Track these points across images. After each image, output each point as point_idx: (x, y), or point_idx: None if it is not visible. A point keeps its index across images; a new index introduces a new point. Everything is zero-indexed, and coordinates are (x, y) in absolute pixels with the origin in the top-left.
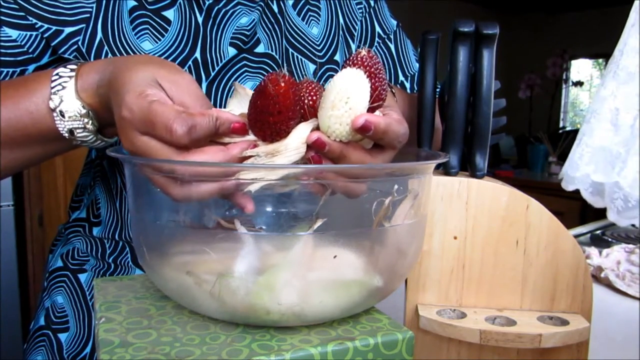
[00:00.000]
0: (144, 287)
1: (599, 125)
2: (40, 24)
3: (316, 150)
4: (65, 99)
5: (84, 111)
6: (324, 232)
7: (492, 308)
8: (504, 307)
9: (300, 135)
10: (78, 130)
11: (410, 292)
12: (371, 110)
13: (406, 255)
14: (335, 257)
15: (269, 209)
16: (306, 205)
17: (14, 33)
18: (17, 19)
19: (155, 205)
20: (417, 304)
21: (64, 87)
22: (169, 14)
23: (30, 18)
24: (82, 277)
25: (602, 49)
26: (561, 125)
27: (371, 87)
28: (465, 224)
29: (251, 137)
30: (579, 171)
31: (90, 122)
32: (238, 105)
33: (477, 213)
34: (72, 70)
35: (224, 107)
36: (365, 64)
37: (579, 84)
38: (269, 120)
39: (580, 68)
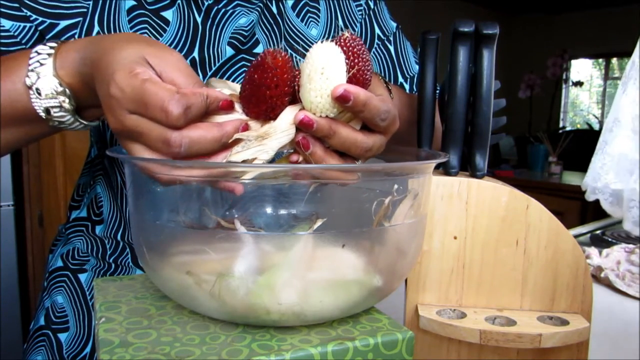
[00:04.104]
0: (144, 287)
1: (621, 132)
2: (35, 16)
3: (305, 130)
4: (42, 76)
5: (60, 89)
6: (324, 232)
7: (492, 308)
8: (504, 307)
9: (287, 117)
10: (54, 110)
11: (410, 292)
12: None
13: (406, 255)
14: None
15: (268, 209)
16: (306, 205)
17: (7, 23)
18: (11, 10)
19: (155, 205)
20: (417, 304)
21: (41, 64)
22: (168, 14)
23: (25, 10)
24: (82, 277)
25: (602, 49)
26: (561, 125)
27: (352, 65)
28: (465, 224)
29: (241, 115)
30: (600, 181)
31: (67, 100)
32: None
33: (477, 213)
34: (51, 47)
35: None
36: (348, 44)
37: (579, 84)
38: (266, 94)
39: (580, 68)
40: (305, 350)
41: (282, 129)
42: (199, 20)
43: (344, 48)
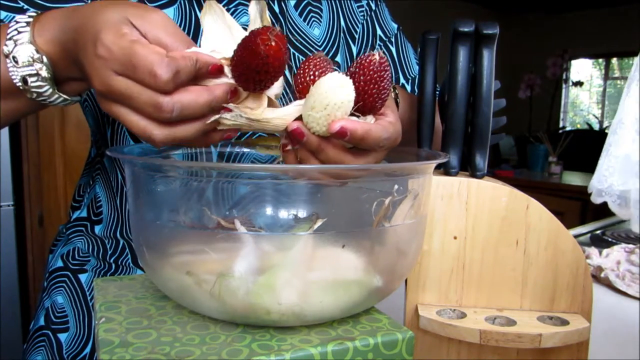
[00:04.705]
0: (144, 287)
1: (625, 134)
2: (32, 10)
3: (295, 140)
4: (19, 44)
5: (37, 55)
6: (324, 232)
7: (492, 308)
8: (504, 307)
9: (286, 115)
10: (32, 79)
11: (410, 292)
12: (365, 112)
13: (406, 255)
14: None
15: (268, 209)
16: (306, 205)
17: (2, 14)
18: (7, 1)
19: (155, 205)
20: (417, 304)
21: (19, 32)
22: (169, 11)
23: (21, 2)
24: (83, 277)
25: (602, 49)
26: (561, 125)
27: (368, 92)
28: (465, 224)
29: (230, 79)
30: (606, 183)
31: (44, 68)
32: (213, 24)
33: (477, 213)
34: (30, 16)
35: (201, 32)
36: (371, 68)
37: (579, 84)
38: (255, 78)
39: (580, 68)
40: (305, 350)
41: (274, 123)
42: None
43: (365, 70)
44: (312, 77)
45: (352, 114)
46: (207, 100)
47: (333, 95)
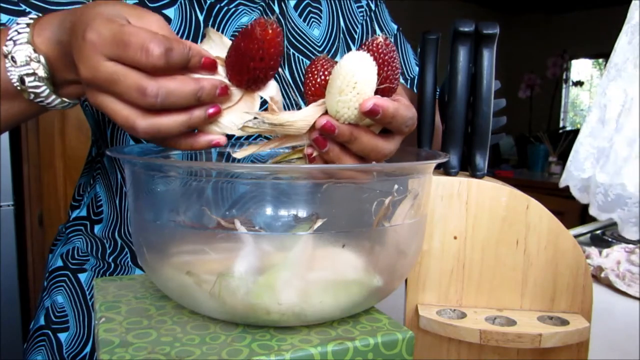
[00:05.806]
0: (144, 287)
1: (590, 122)
2: (34, 13)
3: (325, 135)
4: (18, 44)
5: (34, 55)
6: (324, 232)
7: (492, 308)
8: (504, 307)
9: (307, 116)
10: (29, 79)
11: (410, 292)
12: (383, 95)
13: (406, 255)
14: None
15: (268, 209)
16: (306, 205)
17: (3, 17)
18: (9, 4)
19: (155, 205)
20: (417, 304)
21: (19, 33)
22: (170, 12)
23: (23, 6)
24: (82, 276)
25: (602, 49)
26: (561, 125)
27: (382, 74)
28: (465, 224)
29: (223, 79)
30: (571, 168)
31: (41, 68)
32: (210, 50)
33: (477, 213)
34: (31, 18)
35: (201, 33)
36: (380, 51)
37: (579, 84)
38: (250, 66)
39: (580, 68)
40: (305, 350)
41: (297, 126)
42: (200, 18)
43: (375, 54)
44: (323, 78)
45: None
46: (193, 89)
47: (359, 71)
